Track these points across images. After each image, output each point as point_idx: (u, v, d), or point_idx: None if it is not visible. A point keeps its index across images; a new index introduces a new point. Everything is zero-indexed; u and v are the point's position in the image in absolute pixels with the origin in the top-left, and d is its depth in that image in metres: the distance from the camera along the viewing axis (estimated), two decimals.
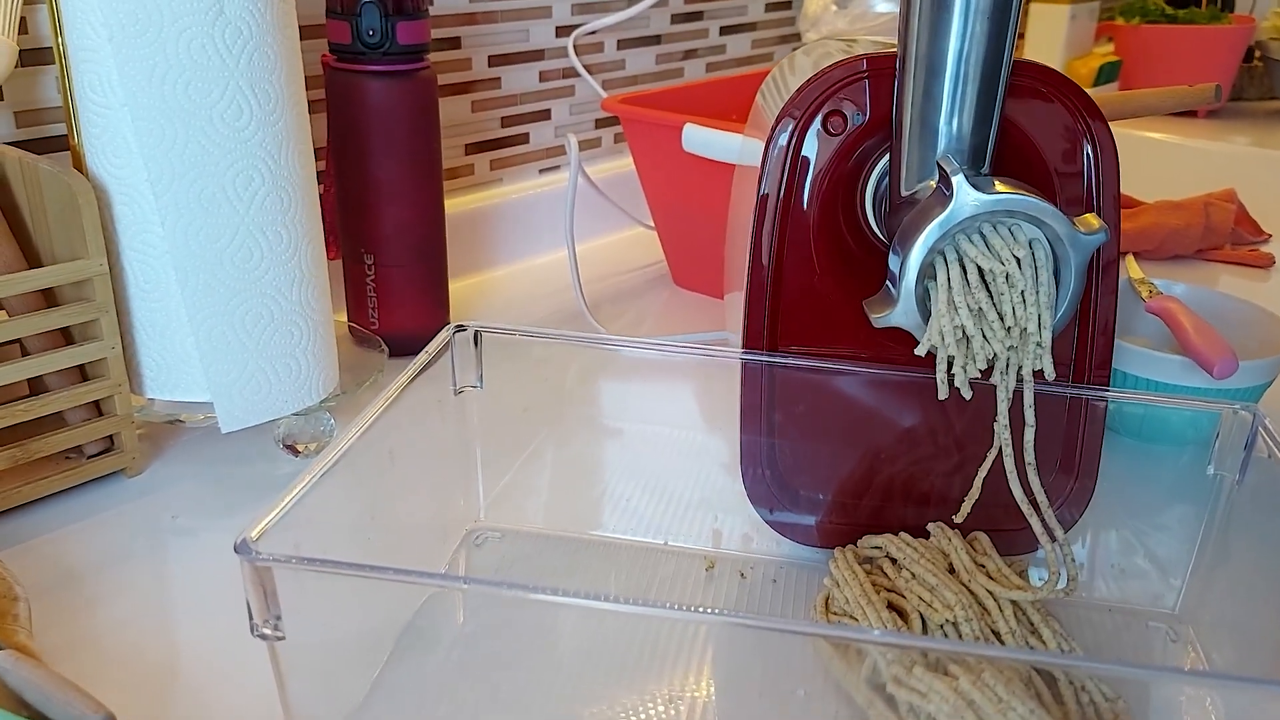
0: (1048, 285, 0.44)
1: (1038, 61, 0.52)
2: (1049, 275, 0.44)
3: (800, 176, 0.53)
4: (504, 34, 0.90)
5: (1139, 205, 1.06)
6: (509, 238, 0.94)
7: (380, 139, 0.70)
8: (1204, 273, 0.98)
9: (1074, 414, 0.52)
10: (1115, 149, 0.52)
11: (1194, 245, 1.01)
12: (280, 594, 0.36)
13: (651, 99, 0.89)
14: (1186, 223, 1.00)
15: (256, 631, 0.36)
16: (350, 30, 0.68)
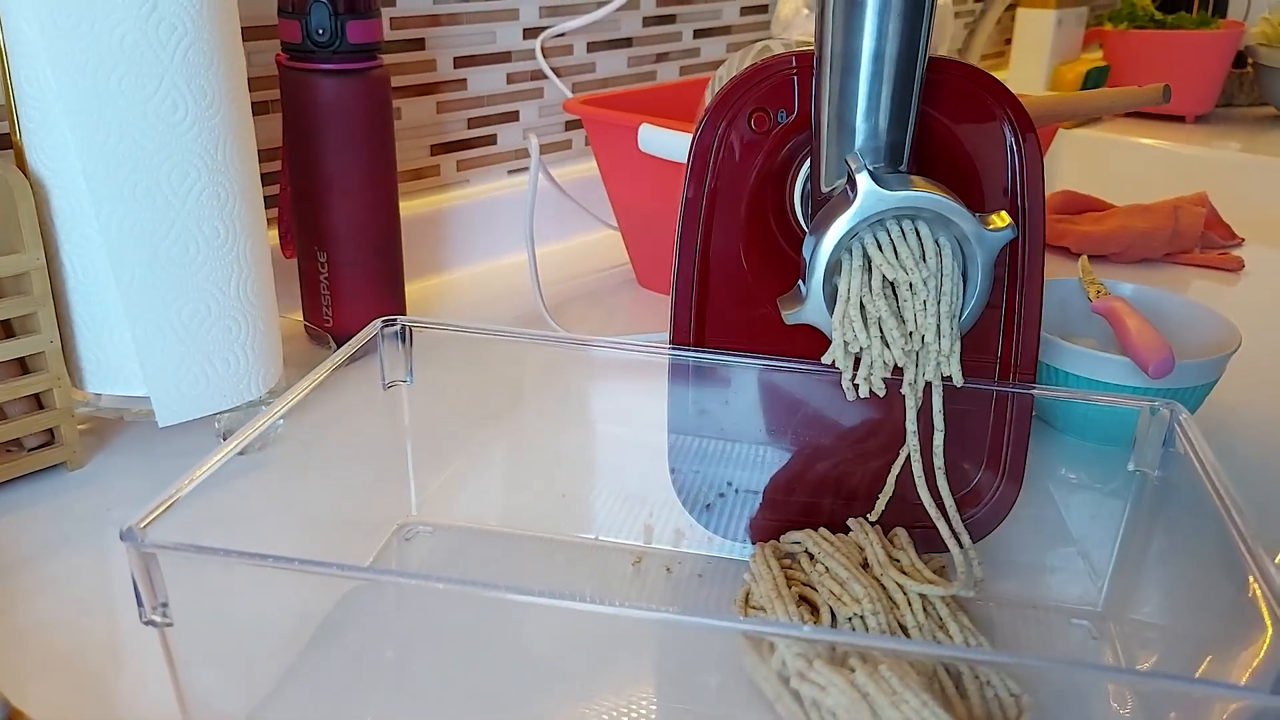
0: (951, 294, 0.44)
1: (959, 59, 0.52)
2: (954, 284, 0.44)
3: (726, 174, 0.53)
4: (469, 35, 0.91)
5: (1108, 209, 1.06)
6: (474, 239, 0.94)
7: (332, 137, 0.70)
8: (1171, 275, 0.98)
9: (1000, 411, 0.52)
10: (1039, 145, 0.52)
11: (1162, 249, 1.00)
12: (170, 581, 0.36)
13: (616, 100, 0.90)
14: (1154, 225, 1.00)
15: (145, 618, 0.36)
16: (300, 29, 0.68)
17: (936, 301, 0.43)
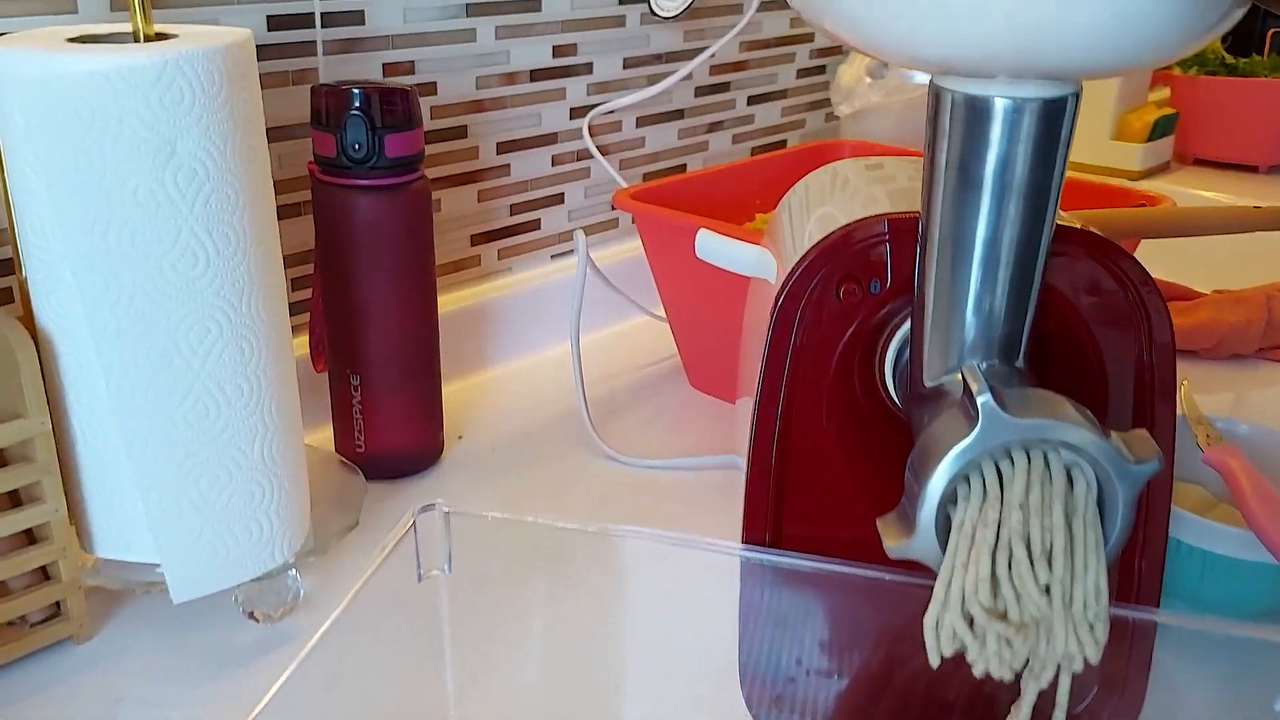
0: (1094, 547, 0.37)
1: (1090, 230, 0.46)
2: (1097, 534, 0.37)
3: (810, 348, 0.47)
4: (514, 120, 0.85)
5: (1195, 297, 0.98)
6: (517, 330, 0.88)
7: (367, 257, 0.65)
8: (1269, 373, 0.91)
9: (1119, 630, 0.46)
10: (1171, 327, 0.46)
11: (1255, 344, 0.93)
12: None
13: (667, 190, 0.84)
14: (1247, 318, 0.93)
15: None
16: (335, 144, 0.63)
17: (1095, 557, 0.37)
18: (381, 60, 0.75)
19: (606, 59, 0.90)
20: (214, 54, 0.48)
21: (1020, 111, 0.38)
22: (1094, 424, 0.39)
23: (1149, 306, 0.46)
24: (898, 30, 0.36)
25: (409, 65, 0.77)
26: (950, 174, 0.40)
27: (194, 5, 0.65)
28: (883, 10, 0.36)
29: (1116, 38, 0.34)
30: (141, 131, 0.47)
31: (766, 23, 1.04)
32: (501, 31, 0.82)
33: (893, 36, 0.37)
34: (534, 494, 0.70)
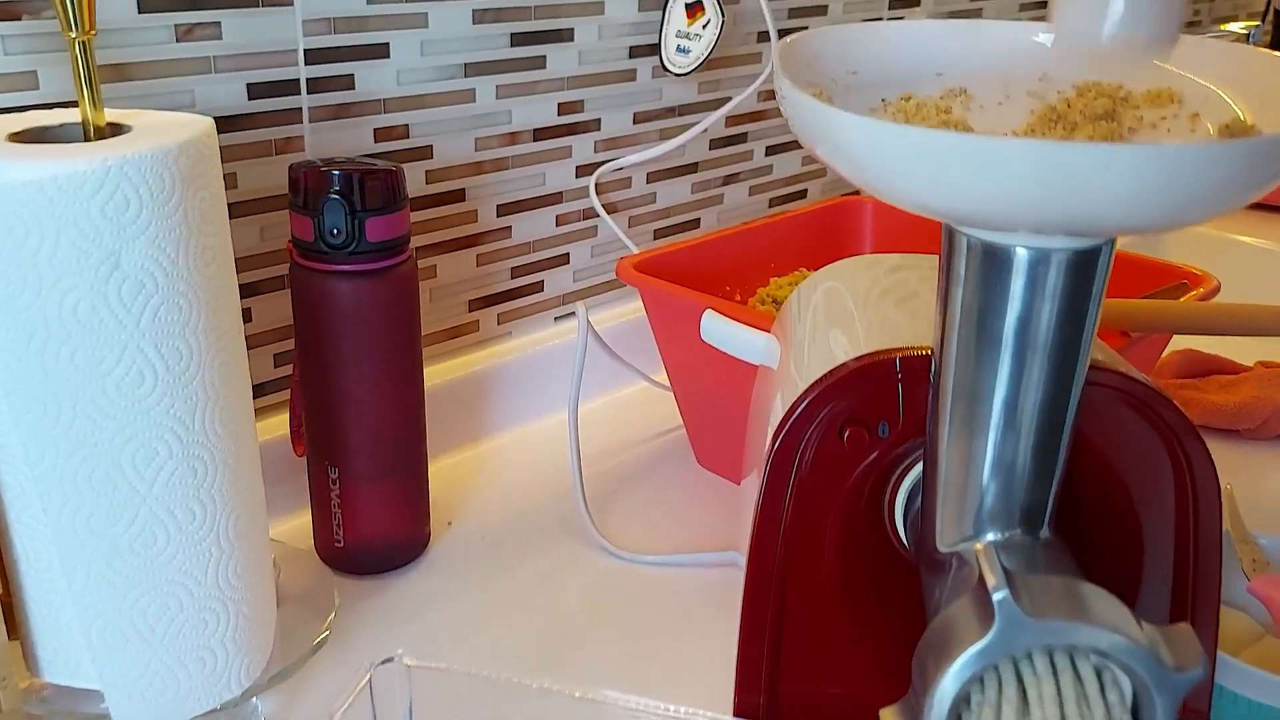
0: None
1: (1120, 370, 0.41)
2: None
3: (807, 494, 0.42)
4: (515, 180, 0.81)
5: (1238, 370, 0.93)
6: (516, 398, 0.84)
7: (346, 344, 0.61)
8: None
9: None
10: (1217, 481, 0.41)
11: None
12: None
13: (675, 256, 0.79)
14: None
15: None
16: (312, 228, 0.59)
17: None
18: (373, 125, 0.71)
19: (615, 114, 0.86)
20: (164, 155, 0.44)
21: (1045, 263, 0.34)
22: (1128, 618, 0.34)
23: (1192, 459, 0.41)
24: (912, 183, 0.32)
25: (403, 129, 0.73)
26: (965, 328, 0.35)
27: (169, 75, 0.61)
28: (894, 165, 0.31)
29: (1153, 204, 0.30)
30: (81, 244, 0.43)
31: None
32: (503, 91, 0.78)
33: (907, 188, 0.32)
34: (522, 593, 0.66)
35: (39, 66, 0.56)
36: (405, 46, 0.71)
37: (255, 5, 0.63)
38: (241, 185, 0.66)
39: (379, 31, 0.69)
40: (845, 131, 0.32)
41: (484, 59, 0.76)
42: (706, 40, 0.83)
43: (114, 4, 0.58)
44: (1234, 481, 0.81)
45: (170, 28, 0.60)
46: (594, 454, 0.81)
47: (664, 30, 0.85)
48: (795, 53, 0.42)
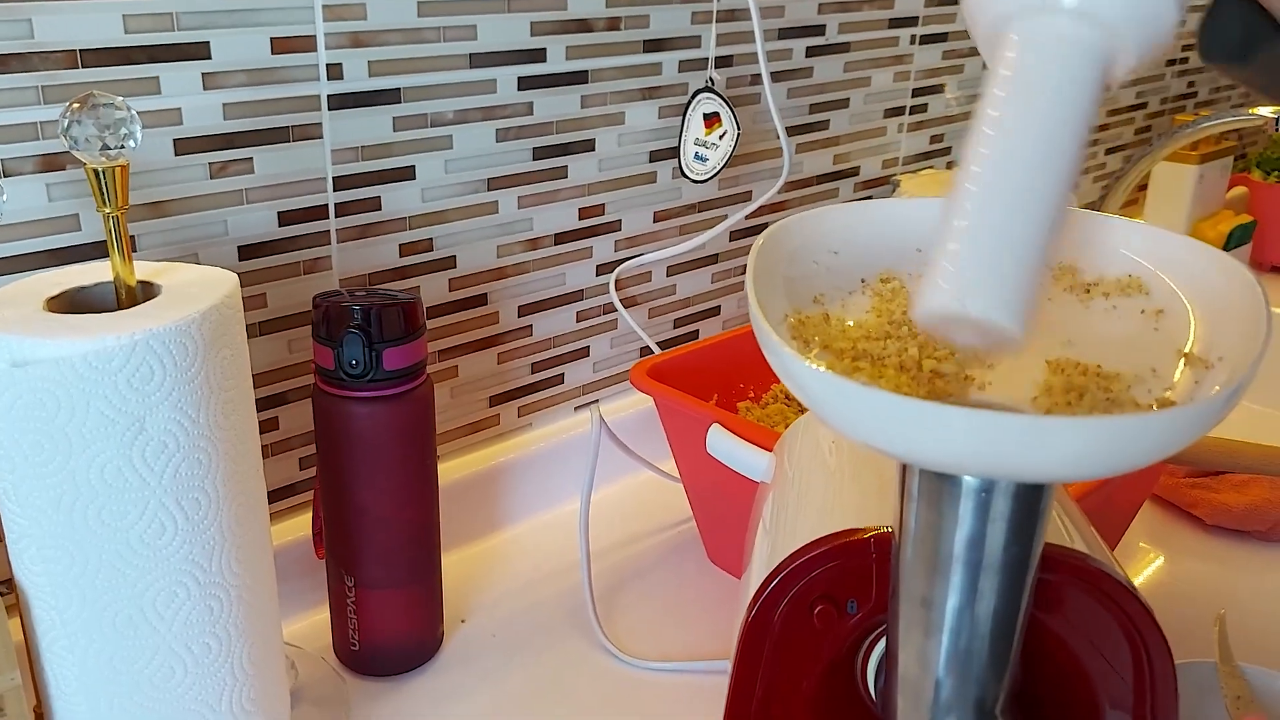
0: None
1: (1082, 560, 0.43)
2: None
3: (779, 672, 0.44)
4: (536, 282, 0.84)
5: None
6: (533, 487, 0.87)
7: (364, 465, 0.64)
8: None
9: None
10: (1174, 671, 0.42)
11: None
12: None
13: (689, 359, 0.82)
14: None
15: None
16: (332, 358, 0.62)
17: None
18: (398, 242, 0.74)
19: (636, 214, 0.89)
20: (188, 325, 0.48)
21: (993, 491, 0.36)
22: None
23: (1151, 650, 0.42)
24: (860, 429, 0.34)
25: (427, 243, 0.76)
26: (918, 542, 0.38)
27: (203, 209, 0.65)
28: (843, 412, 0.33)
29: (1093, 465, 0.31)
30: (108, 413, 0.46)
31: (807, 163, 1.01)
32: (524, 201, 0.81)
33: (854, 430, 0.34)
34: (531, 696, 0.68)
35: (81, 210, 0.60)
36: (430, 167, 0.74)
37: (287, 140, 0.67)
38: (271, 304, 0.69)
39: (405, 156, 0.73)
40: (798, 375, 0.34)
41: (506, 173, 0.79)
42: (723, 150, 0.86)
43: (153, 146, 0.62)
44: (1240, 586, 0.82)
45: (205, 165, 0.64)
46: (606, 546, 0.84)
47: (683, 136, 0.87)
48: (774, 246, 0.45)
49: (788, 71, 0.95)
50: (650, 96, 0.86)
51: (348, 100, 0.69)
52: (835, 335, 0.42)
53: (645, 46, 0.84)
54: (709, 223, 0.95)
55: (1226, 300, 0.40)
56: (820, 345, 0.42)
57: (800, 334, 0.43)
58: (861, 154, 1.06)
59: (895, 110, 1.08)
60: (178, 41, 0.61)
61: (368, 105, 0.70)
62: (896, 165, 1.11)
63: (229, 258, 0.67)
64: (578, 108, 0.82)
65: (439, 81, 0.73)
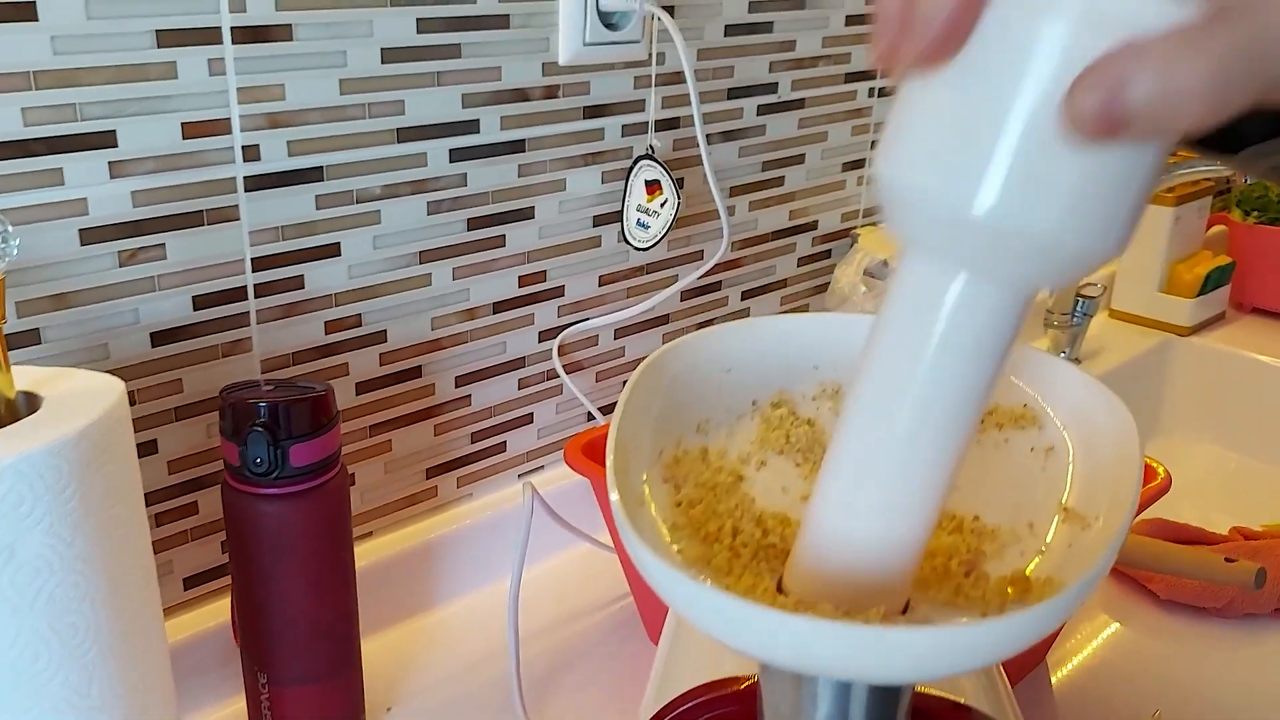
0: None
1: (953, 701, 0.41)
2: None
3: None
4: (475, 352, 0.82)
5: (1213, 541, 0.91)
6: (474, 561, 0.85)
7: (273, 562, 0.62)
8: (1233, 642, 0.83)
9: None
10: None
11: (1273, 602, 0.85)
12: None
13: None
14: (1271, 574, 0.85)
15: None
16: (238, 454, 0.60)
17: None
18: (323, 320, 0.73)
19: (580, 279, 0.87)
20: (61, 447, 0.46)
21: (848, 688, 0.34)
22: None
23: None
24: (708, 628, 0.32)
25: (355, 319, 0.75)
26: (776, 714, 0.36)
27: (111, 299, 0.63)
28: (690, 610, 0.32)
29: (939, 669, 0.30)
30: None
31: (762, 219, 1.00)
32: (460, 272, 0.79)
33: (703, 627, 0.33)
34: None
35: None
36: (356, 243, 0.73)
37: (201, 224, 0.65)
38: (187, 389, 0.68)
39: (328, 233, 0.71)
40: (644, 564, 0.33)
41: (440, 245, 0.77)
42: (664, 219, 0.84)
43: (56, 238, 0.61)
44: (1189, 666, 0.80)
45: (114, 254, 0.63)
46: (545, 623, 0.82)
47: (625, 203, 0.86)
48: (655, 374, 0.43)
49: (738, 130, 0.94)
50: (593, 162, 0.84)
51: (266, 181, 0.67)
52: (707, 480, 0.40)
53: (585, 112, 0.83)
54: (659, 283, 0.93)
55: (1109, 447, 0.38)
56: (692, 486, 0.40)
57: (673, 474, 0.41)
58: (819, 208, 1.05)
59: (854, 163, 1.06)
60: (81, 132, 0.60)
61: (288, 185, 0.68)
62: (856, 218, 1.09)
63: (141, 345, 0.65)
64: (515, 176, 0.80)
65: (364, 158, 0.71)
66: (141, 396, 0.66)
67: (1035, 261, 0.29)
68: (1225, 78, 0.25)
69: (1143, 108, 0.26)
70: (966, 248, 0.29)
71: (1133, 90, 0.26)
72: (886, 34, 0.28)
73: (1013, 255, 0.29)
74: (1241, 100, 0.26)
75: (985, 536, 0.37)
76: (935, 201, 0.29)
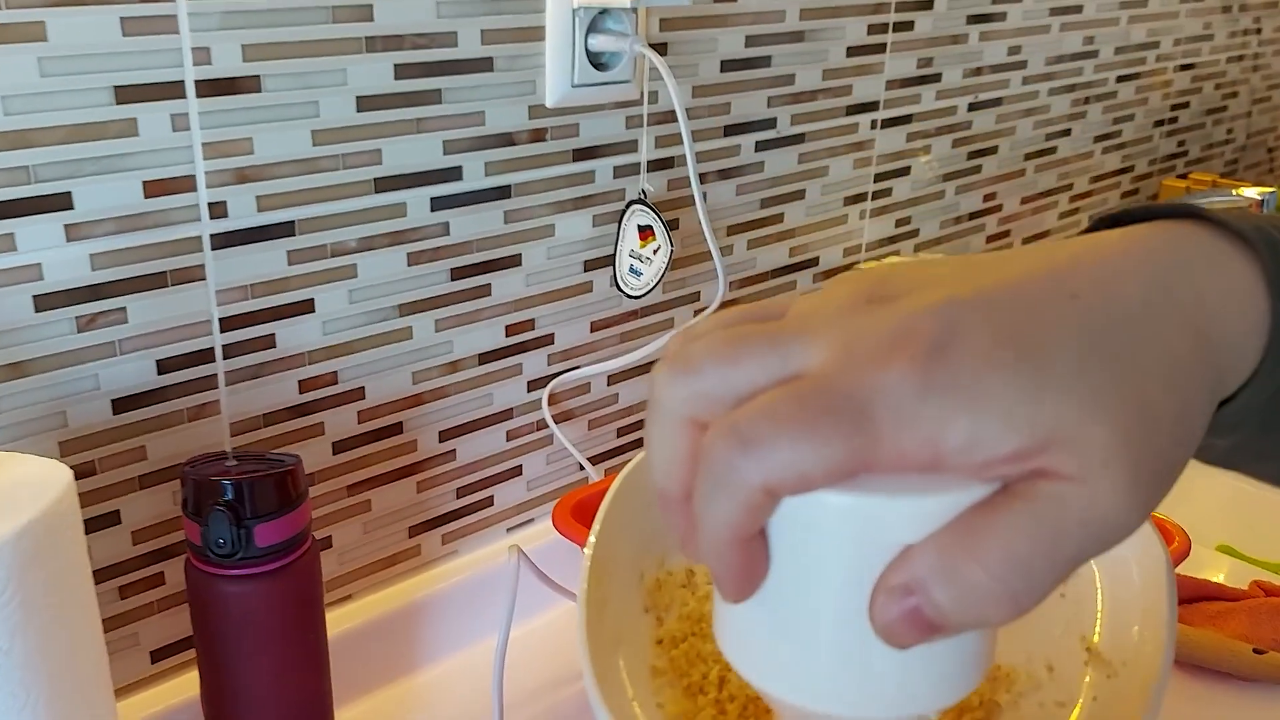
0: None
1: None
2: None
3: None
4: (459, 405, 0.79)
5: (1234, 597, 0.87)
6: (459, 620, 0.82)
7: (240, 645, 0.59)
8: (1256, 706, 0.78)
9: None
10: None
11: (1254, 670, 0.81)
12: None
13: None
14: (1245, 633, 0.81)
15: None
16: (199, 534, 0.57)
17: None
18: (297, 379, 0.70)
19: (570, 326, 0.84)
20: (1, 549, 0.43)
21: None
22: None
23: None
24: None
25: (330, 377, 0.71)
26: None
27: (70, 365, 0.60)
28: None
29: None
30: None
31: (761, 257, 0.96)
32: (443, 324, 0.76)
33: None
34: None
35: None
36: (331, 298, 0.69)
37: (165, 285, 0.62)
38: (152, 456, 0.65)
39: (301, 290, 0.68)
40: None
41: (420, 297, 0.74)
42: (657, 266, 0.81)
43: (9, 305, 0.57)
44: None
45: (71, 320, 0.59)
46: (524, 694, 0.78)
47: (618, 248, 0.82)
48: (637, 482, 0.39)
49: (736, 168, 0.90)
50: (582, 206, 0.81)
51: (234, 238, 0.64)
52: (692, 612, 0.37)
53: (575, 155, 0.79)
54: (655, 328, 0.90)
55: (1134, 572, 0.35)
56: (675, 619, 0.37)
57: (655, 602, 0.38)
58: (820, 244, 1.01)
59: (856, 197, 1.02)
60: (34, 195, 0.57)
61: (257, 241, 0.65)
62: (859, 252, 1.06)
63: (102, 413, 0.62)
64: (501, 223, 0.77)
65: (339, 210, 0.68)
66: (103, 465, 0.63)
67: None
68: (1021, 569, 0.24)
69: (950, 610, 0.24)
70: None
71: (932, 595, 0.24)
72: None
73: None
74: (1054, 579, 0.24)
75: (1000, 683, 0.33)
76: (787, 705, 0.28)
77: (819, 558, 0.26)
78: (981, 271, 0.27)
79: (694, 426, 0.26)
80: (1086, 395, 0.24)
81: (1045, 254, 0.27)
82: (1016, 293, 0.26)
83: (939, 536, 0.24)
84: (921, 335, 0.24)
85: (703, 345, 0.26)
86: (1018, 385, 0.24)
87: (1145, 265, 0.28)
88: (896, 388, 0.24)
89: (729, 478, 0.24)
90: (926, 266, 0.27)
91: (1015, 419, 0.24)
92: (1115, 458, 0.24)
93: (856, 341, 0.25)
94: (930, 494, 0.24)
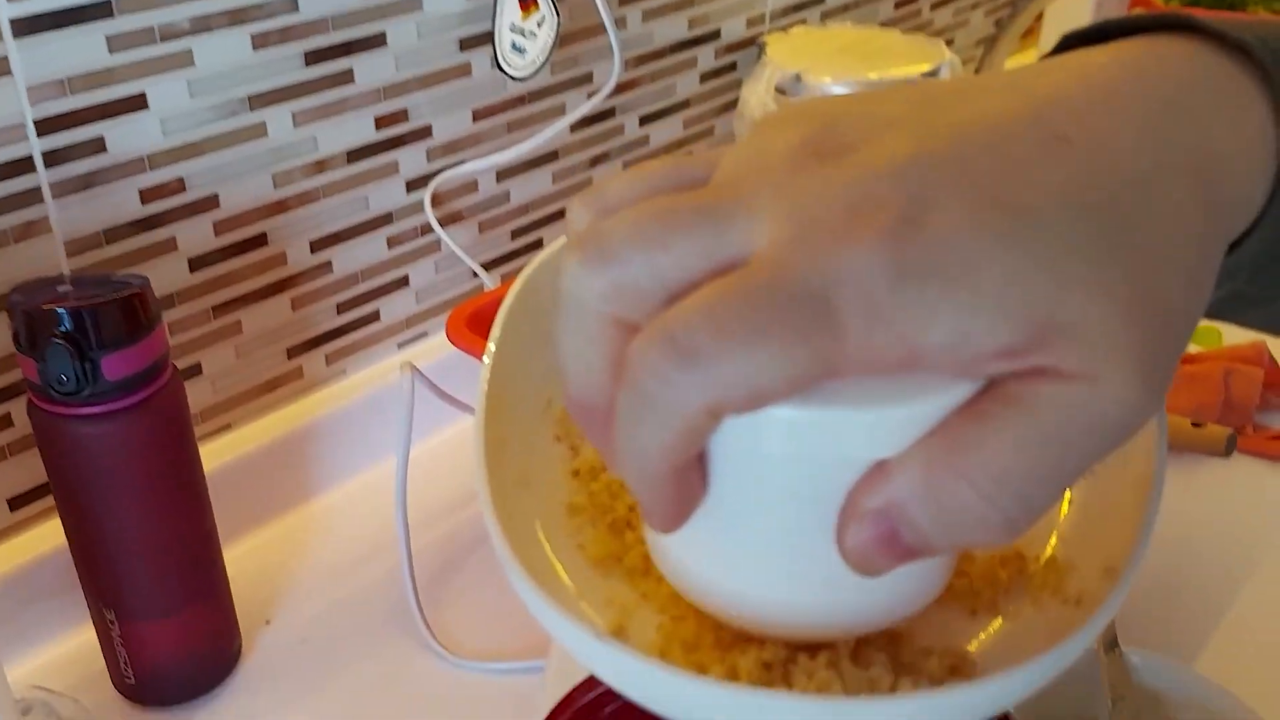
0: None
1: None
2: None
3: None
4: (330, 211, 0.71)
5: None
6: (351, 444, 0.76)
7: (103, 492, 0.53)
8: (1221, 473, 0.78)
9: None
10: None
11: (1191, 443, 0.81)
12: None
13: None
14: (1199, 403, 0.81)
15: None
16: (36, 371, 0.50)
17: None
18: (137, 187, 0.61)
19: (450, 116, 0.75)
20: None
21: None
22: None
23: None
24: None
25: (177, 184, 0.62)
26: None
27: None
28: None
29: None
30: None
31: (658, 31, 0.87)
32: (301, 117, 0.67)
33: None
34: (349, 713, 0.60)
35: None
36: (167, 92, 0.60)
37: None
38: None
39: (130, 82, 0.58)
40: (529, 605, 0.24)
41: (273, 86, 0.65)
42: (543, 41, 0.72)
43: None
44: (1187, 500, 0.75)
45: None
46: (430, 514, 0.73)
47: (497, 22, 0.73)
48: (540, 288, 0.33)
49: None
50: None
51: (40, 23, 0.54)
52: None
53: None
54: (544, 115, 0.81)
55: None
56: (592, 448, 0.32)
57: (568, 431, 0.32)
58: (721, 14, 0.93)
59: None
60: None
61: (68, 25, 0.55)
62: (763, 23, 0.98)
63: None
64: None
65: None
66: None
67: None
68: (1016, 487, 0.20)
69: (932, 534, 0.21)
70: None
71: (911, 518, 0.21)
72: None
73: None
74: (1054, 496, 0.20)
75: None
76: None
77: (770, 479, 0.22)
78: (948, 109, 0.22)
79: (616, 325, 0.21)
80: (1088, 272, 0.20)
81: (1022, 87, 0.22)
82: (995, 139, 0.21)
83: (918, 450, 0.20)
84: (887, 204, 0.19)
85: (620, 224, 0.21)
86: (1007, 262, 0.19)
87: (1141, 101, 0.23)
88: (863, 274, 0.19)
89: (663, 397, 0.20)
90: (878, 103, 0.22)
91: (1007, 305, 0.19)
92: (1125, 347, 0.20)
93: (807, 213, 0.20)
94: (905, 401, 0.20)
